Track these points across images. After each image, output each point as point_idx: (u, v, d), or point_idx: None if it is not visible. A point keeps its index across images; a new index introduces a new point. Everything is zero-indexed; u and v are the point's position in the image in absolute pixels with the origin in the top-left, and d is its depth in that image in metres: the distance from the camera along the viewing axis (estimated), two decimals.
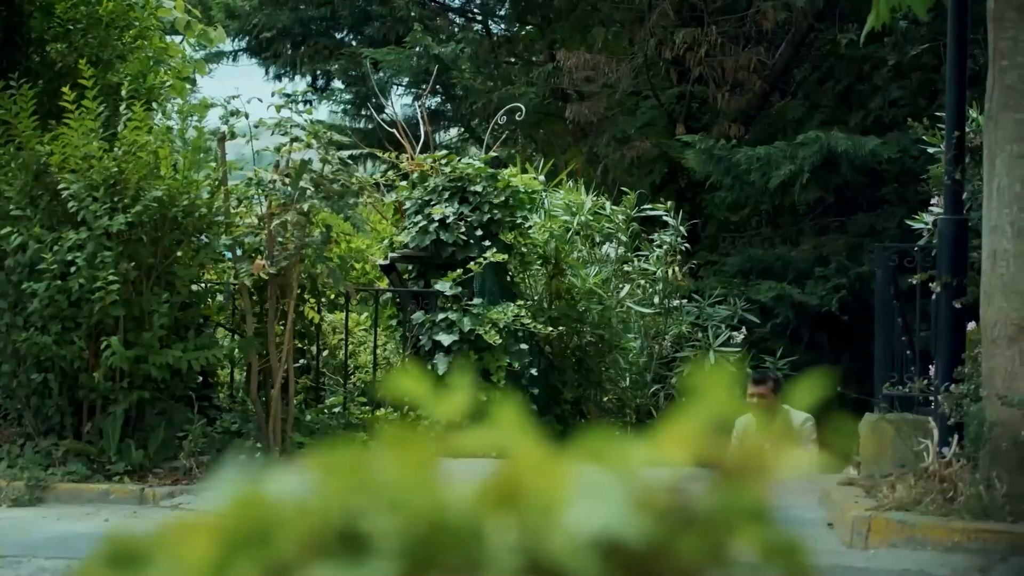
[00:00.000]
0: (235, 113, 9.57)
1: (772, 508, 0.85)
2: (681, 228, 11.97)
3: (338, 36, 21.16)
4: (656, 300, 12.12)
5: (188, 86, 12.34)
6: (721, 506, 0.83)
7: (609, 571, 0.80)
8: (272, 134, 9.58)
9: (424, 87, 15.50)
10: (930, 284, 8.02)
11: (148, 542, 0.79)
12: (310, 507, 0.80)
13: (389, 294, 11.31)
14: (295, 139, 9.43)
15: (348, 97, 21.47)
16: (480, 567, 0.79)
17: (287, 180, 9.20)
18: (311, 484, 0.82)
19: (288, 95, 15.46)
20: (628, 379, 11.96)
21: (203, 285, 9.48)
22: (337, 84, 21.80)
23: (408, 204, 11.03)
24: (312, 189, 9.23)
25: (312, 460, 0.82)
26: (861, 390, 9.67)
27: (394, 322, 11.40)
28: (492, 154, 11.80)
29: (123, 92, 8.90)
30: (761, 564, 0.85)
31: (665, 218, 12.04)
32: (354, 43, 20.49)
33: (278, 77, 21.01)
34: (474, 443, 0.83)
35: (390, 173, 11.41)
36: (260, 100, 9.63)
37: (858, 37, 9.55)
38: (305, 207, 9.03)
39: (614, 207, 12.13)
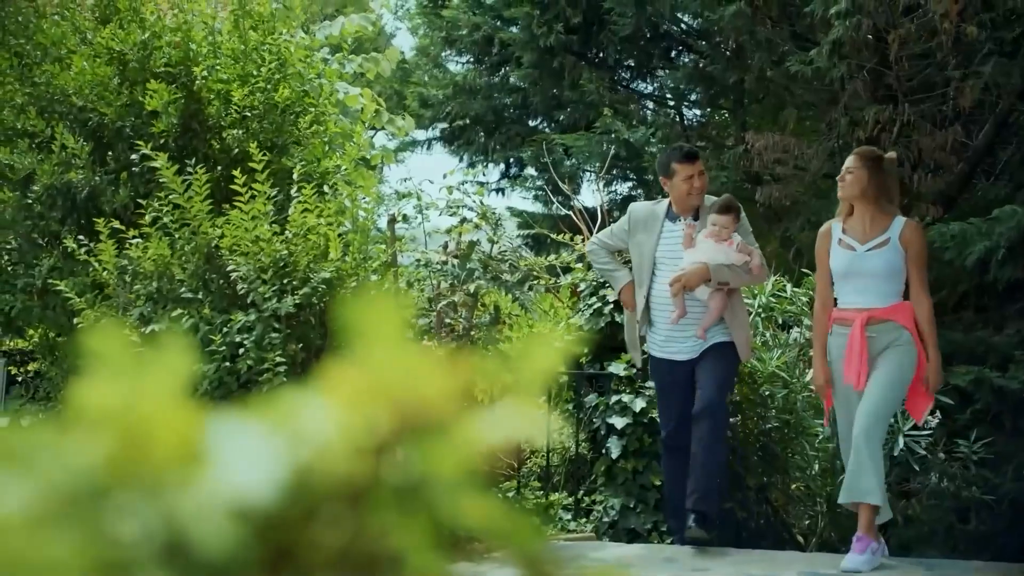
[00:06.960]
0: (406, 195, 9.62)
1: (484, 473, 0.69)
2: None
3: (531, 123, 21.28)
4: None
5: (375, 174, 12.50)
6: (409, 473, 0.68)
7: (251, 544, 0.66)
8: (440, 215, 9.61)
9: (614, 172, 15.42)
10: None
11: None
12: None
13: (565, 377, 11.13)
14: (464, 220, 9.42)
15: (540, 184, 21.51)
16: (101, 537, 0.66)
17: (456, 261, 9.20)
18: None
19: (480, 183, 15.60)
20: (817, 465, 11.50)
21: None
22: (530, 171, 21.91)
23: (583, 286, 10.86)
24: (481, 270, 9.20)
25: None
26: None
27: (570, 405, 11.19)
28: None
29: (295, 175, 8.98)
30: (482, 545, 0.70)
31: None
32: (547, 130, 20.57)
33: (472, 165, 21.19)
34: (102, 397, 0.69)
35: (565, 255, 11.27)
36: (431, 182, 9.70)
37: None
38: (472, 288, 8.99)
39: (795, 288, 11.77)
